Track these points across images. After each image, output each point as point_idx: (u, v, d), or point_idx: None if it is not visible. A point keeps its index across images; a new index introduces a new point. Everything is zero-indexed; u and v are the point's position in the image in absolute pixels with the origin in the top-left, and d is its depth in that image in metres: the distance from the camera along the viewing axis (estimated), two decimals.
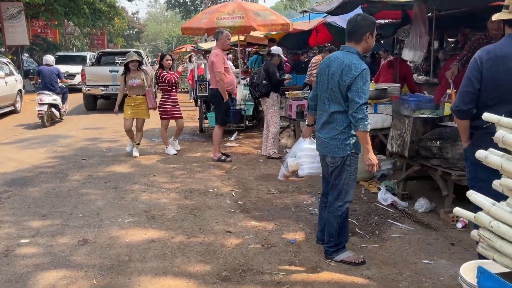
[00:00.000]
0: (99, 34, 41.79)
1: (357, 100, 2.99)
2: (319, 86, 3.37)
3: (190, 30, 8.52)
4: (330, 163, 3.26)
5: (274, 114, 6.73)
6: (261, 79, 6.70)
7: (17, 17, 20.69)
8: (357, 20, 3.13)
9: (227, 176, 5.74)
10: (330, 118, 3.18)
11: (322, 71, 3.31)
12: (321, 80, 3.32)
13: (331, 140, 3.19)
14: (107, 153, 7.11)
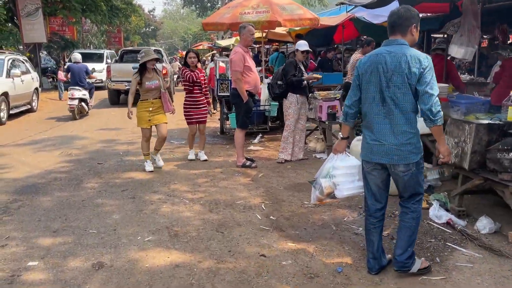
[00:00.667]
0: (116, 31, 41.69)
1: (431, 92, 2.71)
2: (366, 87, 2.94)
3: (211, 26, 8.05)
4: (402, 172, 2.87)
5: (288, 117, 6.23)
6: (276, 79, 6.19)
7: (35, 14, 20.54)
8: (401, 12, 2.85)
9: (254, 184, 5.24)
10: (399, 121, 2.81)
11: (371, 70, 2.88)
12: (371, 80, 2.90)
13: (403, 146, 2.82)
14: (124, 157, 6.68)
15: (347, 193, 3.39)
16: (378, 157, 2.91)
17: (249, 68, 5.89)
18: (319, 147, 6.88)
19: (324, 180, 3.42)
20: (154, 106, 5.76)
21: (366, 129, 3.01)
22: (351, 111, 3.10)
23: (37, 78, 13.47)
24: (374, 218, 3.11)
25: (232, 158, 6.53)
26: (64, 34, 28.02)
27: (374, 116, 2.91)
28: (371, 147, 2.94)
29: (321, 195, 3.47)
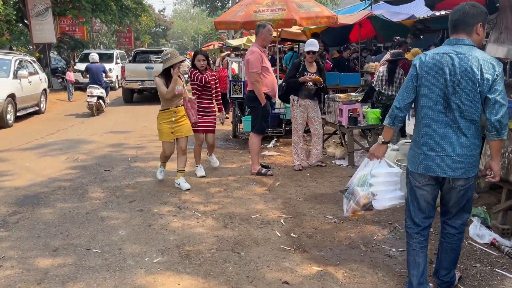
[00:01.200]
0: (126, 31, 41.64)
1: (503, 102, 2.43)
2: (427, 90, 2.59)
3: (224, 25, 7.67)
4: (460, 186, 2.59)
5: (292, 119, 5.92)
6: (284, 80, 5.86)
7: (44, 14, 20.41)
8: (466, 9, 2.55)
9: (271, 195, 4.85)
10: (465, 130, 2.51)
11: (436, 71, 2.54)
12: (434, 82, 2.56)
13: (466, 158, 2.53)
14: (132, 163, 6.33)
15: (389, 204, 3.02)
16: (437, 170, 2.57)
17: (267, 69, 5.51)
18: (338, 152, 6.47)
19: (360, 189, 3.02)
20: (177, 116, 4.97)
21: (422, 138, 2.64)
22: (401, 114, 2.71)
23: (46, 79, 13.23)
24: (422, 236, 2.77)
25: (246, 164, 6.16)
26: (75, 34, 27.92)
27: (434, 123, 2.57)
28: (428, 159, 2.59)
29: (357, 206, 3.08)
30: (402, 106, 2.69)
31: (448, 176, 2.56)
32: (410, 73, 2.71)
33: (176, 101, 4.97)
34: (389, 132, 2.87)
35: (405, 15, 9.59)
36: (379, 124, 5.96)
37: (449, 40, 2.59)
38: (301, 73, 5.70)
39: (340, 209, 4.35)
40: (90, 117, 11.32)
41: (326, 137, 7.17)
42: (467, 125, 2.49)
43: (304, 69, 5.71)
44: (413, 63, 2.73)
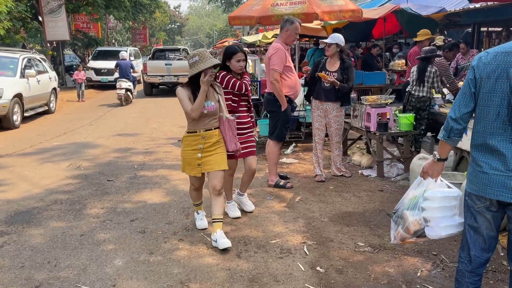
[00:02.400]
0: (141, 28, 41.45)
1: None
2: (487, 98, 2.08)
3: (238, 20, 7.08)
4: None
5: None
6: None
7: (57, 11, 20.14)
8: None
9: (291, 213, 4.25)
10: None
11: (498, 75, 2.04)
12: (495, 88, 2.05)
13: None
14: (138, 171, 5.80)
15: (445, 233, 2.47)
16: (501, 193, 2.05)
17: (290, 69, 4.92)
18: (365, 161, 5.82)
19: (410, 214, 2.52)
20: (208, 142, 3.52)
21: (481, 154, 2.14)
22: (458, 126, 2.21)
23: (56, 78, 12.85)
24: (476, 275, 2.27)
25: (261, 174, 5.57)
26: (89, 31, 27.69)
27: (496, 137, 2.06)
28: (489, 178, 2.08)
29: (406, 233, 2.56)
30: (459, 117, 2.19)
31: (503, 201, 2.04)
32: (467, 77, 2.19)
33: (208, 121, 3.50)
34: (445, 148, 2.35)
35: (435, 8, 8.86)
36: (412, 130, 5.31)
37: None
38: (320, 71, 5.11)
39: (373, 233, 3.75)
40: (99, 118, 10.89)
41: (351, 143, 6.54)
42: None
43: (324, 67, 5.11)
44: (472, 64, 2.20)
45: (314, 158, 5.38)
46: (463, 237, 2.32)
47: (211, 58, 3.38)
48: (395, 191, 4.86)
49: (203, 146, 3.50)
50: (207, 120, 3.50)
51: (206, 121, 3.50)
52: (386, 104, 5.48)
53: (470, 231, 2.25)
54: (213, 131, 3.53)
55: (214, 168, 3.53)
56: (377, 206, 4.41)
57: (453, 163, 4.30)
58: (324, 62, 5.19)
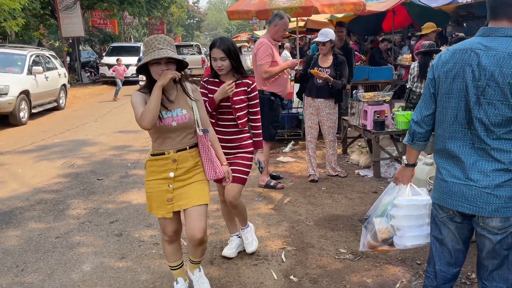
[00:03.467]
0: (159, 24, 41.61)
1: None
2: (445, 99, 1.90)
3: (236, 14, 6.91)
4: (495, 230, 1.83)
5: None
6: None
7: (73, 7, 20.34)
8: None
9: (277, 216, 4.09)
10: (496, 154, 1.80)
11: (455, 74, 1.85)
12: (452, 89, 1.87)
13: (500, 189, 1.79)
14: (130, 170, 5.72)
15: (411, 244, 2.34)
16: (460, 203, 1.87)
17: (277, 65, 4.72)
18: (362, 160, 5.60)
19: (379, 221, 2.39)
20: (181, 167, 2.54)
21: (441, 159, 1.96)
22: (420, 129, 2.04)
23: (65, 74, 12.92)
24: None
25: (254, 173, 5.40)
26: (106, 27, 27.95)
27: (455, 142, 1.87)
28: (450, 187, 1.89)
29: (374, 241, 2.42)
30: (420, 120, 2.02)
31: (473, 213, 1.84)
32: (427, 77, 2.01)
33: (180, 138, 2.52)
34: (411, 152, 2.18)
35: (445, 0, 8.47)
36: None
37: (483, 29, 1.85)
38: (312, 67, 4.91)
39: (357, 239, 3.54)
40: (105, 114, 10.91)
41: (350, 142, 6.31)
42: (500, 146, 1.77)
43: (316, 63, 4.91)
44: (432, 63, 2.02)
45: (307, 157, 5.19)
46: (430, 249, 2.13)
47: (160, 49, 2.34)
48: None
49: (174, 173, 2.50)
50: (178, 137, 2.50)
51: (176, 137, 2.49)
52: (383, 101, 5.23)
53: (436, 243, 2.07)
54: (188, 151, 2.53)
55: (192, 203, 2.52)
56: (367, 209, 4.16)
57: None
58: (316, 58, 4.98)
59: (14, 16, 14.07)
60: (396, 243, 2.36)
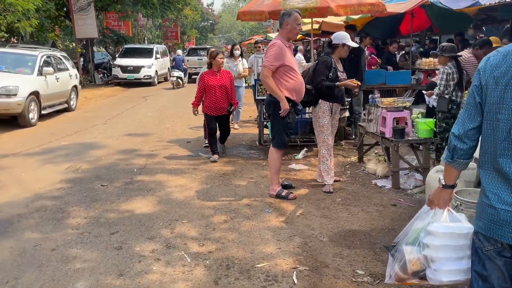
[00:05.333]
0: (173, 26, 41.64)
1: None
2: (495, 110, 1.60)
3: (248, 15, 6.66)
4: None
5: (321, 129, 4.79)
6: (307, 82, 4.70)
7: (87, 9, 20.33)
8: None
9: (288, 230, 3.81)
10: None
11: (507, 81, 1.55)
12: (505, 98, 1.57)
13: None
14: (136, 176, 5.50)
15: (448, 279, 2.00)
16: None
17: (291, 69, 4.44)
18: (380, 170, 5.28)
19: (409, 250, 2.08)
20: None
21: (489, 181, 1.66)
22: (463, 145, 1.74)
23: (77, 75, 12.80)
24: None
25: (266, 181, 5.15)
26: (120, 29, 27.97)
27: (507, 161, 1.56)
28: (499, 215, 1.59)
29: (403, 273, 2.11)
30: (463, 134, 1.72)
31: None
32: (472, 84, 1.71)
33: None
34: (450, 172, 1.87)
35: (468, 2, 8.09)
36: (432, 138, 4.73)
37: None
38: (334, 73, 4.63)
39: (376, 258, 3.26)
40: (115, 116, 10.74)
41: (367, 149, 6.00)
42: None
43: (336, 68, 4.64)
44: (478, 66, 1.72)
45: (323, 166, 4.88)
46: (470, 286, 1.83)
47: None
48: (409, 206, 4.31)
49: None
50: None
51: None
52: (404, 107, 4.92)
53: (478, 280, 1.76)
54: None
55: None
56: (386, 224, 3.90)
57: (476, 177, 3.72)
58: (334, 64, 4.68)
59: (28, 17, 14.04)
60: (430, 277, 2.04)
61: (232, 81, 6.10)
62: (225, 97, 6.00)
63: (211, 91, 5.95)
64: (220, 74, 6.00)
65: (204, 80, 5.98)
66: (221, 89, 5.95)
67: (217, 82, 5.94)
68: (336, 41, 4.71)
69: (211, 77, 5.97)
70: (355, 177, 5.34)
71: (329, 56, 4.71)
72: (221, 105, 6.00)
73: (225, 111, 6.08)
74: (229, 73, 6.16)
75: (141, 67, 19.76)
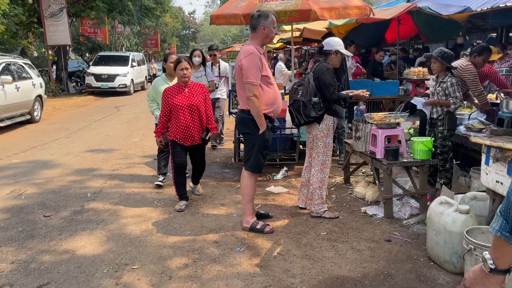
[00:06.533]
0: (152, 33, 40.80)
1: None
2: None
3: (222, 19, 5.97)
4: None
5: (324, 149, 4.12)
6: (310, 94, 4.02)
7: (59, 15, 19.48)
8: None
9: (262, 278, 3.09)
10: None
11: None
12: None
13: None
14: (88, 203, 4.71)
15: None
16: None
17: (268, 79, 3.77)
18: (369, 194, 4.62)
19: None
20: None
21: None
22: None
23: (41, 84, 11.89)
24: None
25: (239, 208, 4.43)
26: (96, 36, 27.02)
27: None
28: None
29: None
30: None
31: None
32: None
33: None
34: (504, 250, 1.20)
35: (458, 8, 7.61)
36: (431, 159, 4.10)
37: None
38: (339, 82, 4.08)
39: None
40: (81, 129, 9.90)
41: (353, 169, 5.35)
42: None
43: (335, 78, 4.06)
44: None
45: (318, 193, 4.18)
46: None
47: None
48: (407, 242, 3.64)
49: None
50: None
51: None
52: (396, 124, 4.28)
53: None
54: None
55: None
56: (381, 268, 3.22)
57: (488, 211, 3.08)
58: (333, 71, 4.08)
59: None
60: None
61: (207, 99, 4.55)
62: (197, 121, 4.43)
63: (178, 114, 4.37)
64: (190, 90, 4.42)
65: (168, 99, 4.40)
66: (192, 111, 4.39)
67: (185, 101, 4.37)
68: (328, 48, 4.09)
69: (177, 94, 4.38)
70: (342, 202, 4.67)
71: (326, 63, 4.08)
72: (193, 132, 4.42)
73: (198, 140, 4.52)
74: (202, 88, 4.55)
75: (116, 76, 18.94)
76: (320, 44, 4.29)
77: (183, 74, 4.34)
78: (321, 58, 4.19)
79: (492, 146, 2.74)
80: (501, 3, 7.08)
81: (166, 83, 5.06)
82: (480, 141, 2.82)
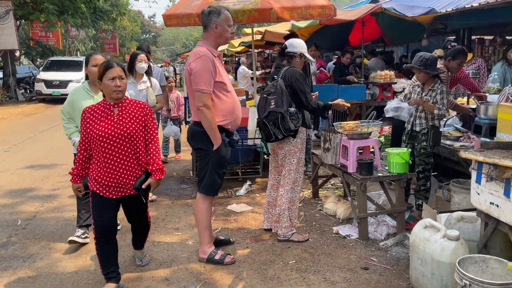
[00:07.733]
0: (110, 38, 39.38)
1: None
2: None
3: (175, 19, 5.38)
4: None
5: (295, 167, 3.67)
6: (286, 103, 3.53)
7: (5, 17, 18.28)
8: None
9: None
10: None
11: None
12: None
13: None
14: (16, 233, 4.00)
15: None
16: None
17: (224, 85, 3.25)
18: (341, 211, 4.17)
19: None
20: None
21: None
22: None
23: None
24: None
25: (195, 233, 3.86)
26: (48, 40, 25.61)
27: None
28: None
29: None
30: None
31: None
32: None
33: None
34: None
35: (423, 9, 7.38)
36: (408, 173, 3.70)
37: None
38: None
39: None
40: (25, 141, 9.01)
41: (323, 182, 4.90)
42: None
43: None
44: None
45: (288, 213, 3.69)
46: None
47: None
48: (386, 269, 3.20)
49: None
50: None
51: None
52: (369, 133, 3.86)
53: None
54: None
55: None
56: None
57: (480, 236, 2.68)
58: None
59: None
60: None
61: (149, 124, 2.87)
62: (132, 158, 2.80)
63: (101, 148, 2.74)
64: (122, 111, 2.80)
65: (87, 125, 2.77)
66: (123, 144, 2.76)
67: (113, 128, 2.74)
68: (292, 50, 3.63)
69: (102, 118, 2.76)
70: (311, 220, 4.20)
71: (295, 68, 3.61)
72: (123, 177, 2.79)
73: (131, 189, 2.86)
74: (142, 108, 2.86)
75: (69, 82, 17.83)
76: (283, 45, 3.81)
77: (115, 87, 2.71)
78: (285, 61, 3.71)
79: (486, 162, 2.33)
80: (466, 4, 6.89)
81: (90, 96, 3.48)
82: (472, 157, 2.41)
